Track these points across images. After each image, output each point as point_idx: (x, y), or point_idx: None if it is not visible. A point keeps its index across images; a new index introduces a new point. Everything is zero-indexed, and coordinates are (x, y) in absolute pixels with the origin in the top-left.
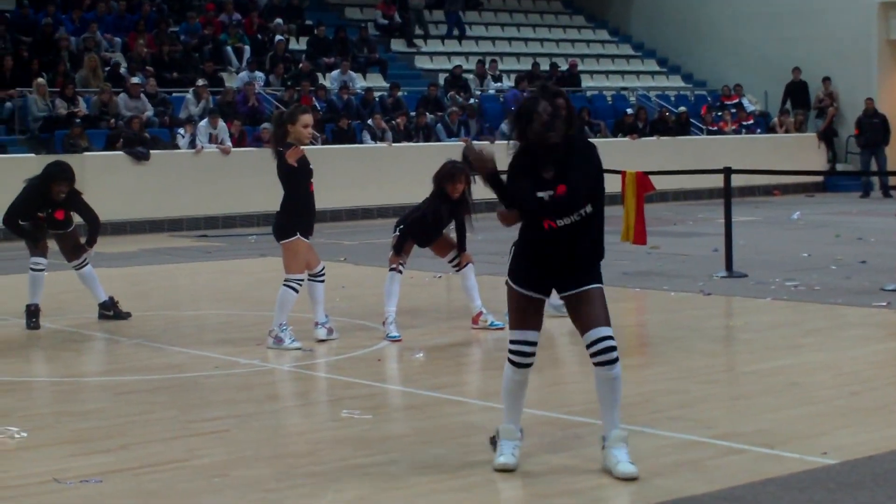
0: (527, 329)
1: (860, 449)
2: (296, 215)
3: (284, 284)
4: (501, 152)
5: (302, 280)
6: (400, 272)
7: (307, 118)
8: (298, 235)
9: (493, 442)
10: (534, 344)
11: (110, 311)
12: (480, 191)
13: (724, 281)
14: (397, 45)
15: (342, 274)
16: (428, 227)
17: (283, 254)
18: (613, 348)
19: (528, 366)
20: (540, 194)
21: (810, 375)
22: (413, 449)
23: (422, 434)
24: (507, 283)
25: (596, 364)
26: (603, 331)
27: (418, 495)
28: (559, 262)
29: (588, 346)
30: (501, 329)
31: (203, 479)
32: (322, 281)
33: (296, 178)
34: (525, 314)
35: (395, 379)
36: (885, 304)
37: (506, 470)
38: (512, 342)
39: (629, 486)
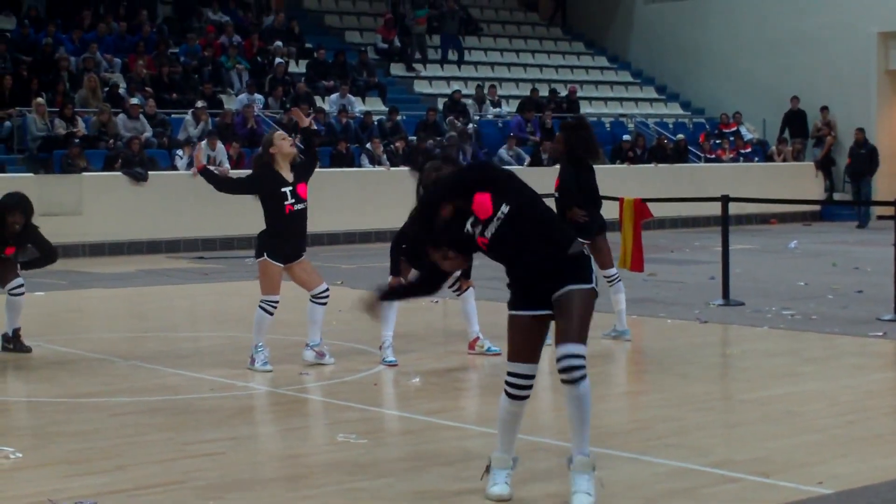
0: (527, 362)
1: (856, 478)
2: (266, 236)
3: (258, 305)
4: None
5: (273, 302)
6: None
7: (281, 133)
8: (265, 256)
9: (488, 470)
10: (532, 377)
11: (10, 343)
12: None
13: (720, 309)
14: (396, 69)
15: (339, 297)
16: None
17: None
18: (576, 367)
19: (526, 398)
20: None
21: (807, 404)
22: (409, 474)
23: (418, 459)
24: (509, 317)
25: (562, 381)
26: (568, 348)
27: None
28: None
29: (558, 360)
30: (498, 354)
31: (198, 502)
32: (323, 303)
33: (263, 200)
34: (522, 342)
35: (392, 403)
36: (881, 333)
37: (501, 500)
38: (511, 374)
39: None
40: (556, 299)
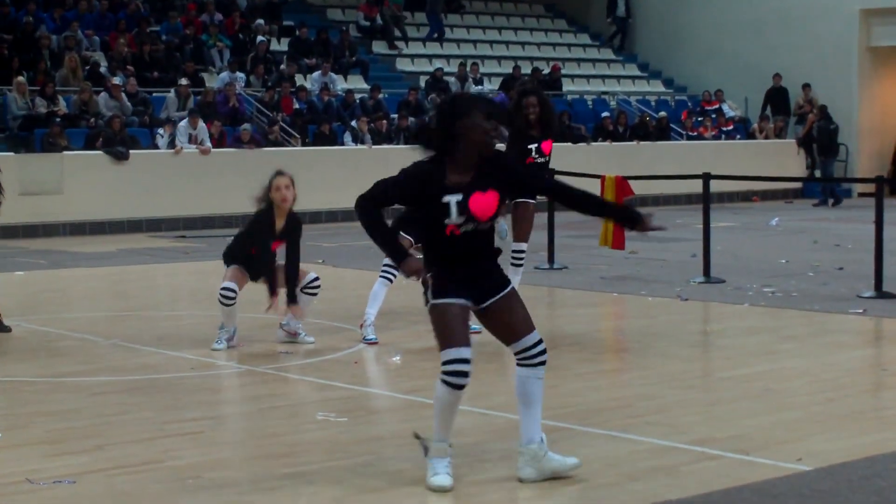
0: (462, 345)
1: (835, 455)
2: (235, 250)
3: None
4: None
5: (229, 290)
6: (390, 281)
7: (279, 181)
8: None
9: (423, 447)
10: (470, 361)
11: None
12: None
13: (701, 286)
14: (378, 46)
15: (320, 276)
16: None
17: None
18: (546, 350)
19: (465, 386)
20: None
21: (786, 382)
22: (389, 452)
23: (398, 437)
24: (431, 307)
25: (528, 366)
26: (536, 335)
27: (394, 498)
28: (476, 266)
29: (523, 351)
30: (478, 332)
31: (177, 481)
32: (313, 293)
33: (246, 239)
34: (455, 328)
35: (372, 382)
36: (861, 310)
37: (444, 490)
38: (447, 362)
39: (607, 490)
40: (493, 303)
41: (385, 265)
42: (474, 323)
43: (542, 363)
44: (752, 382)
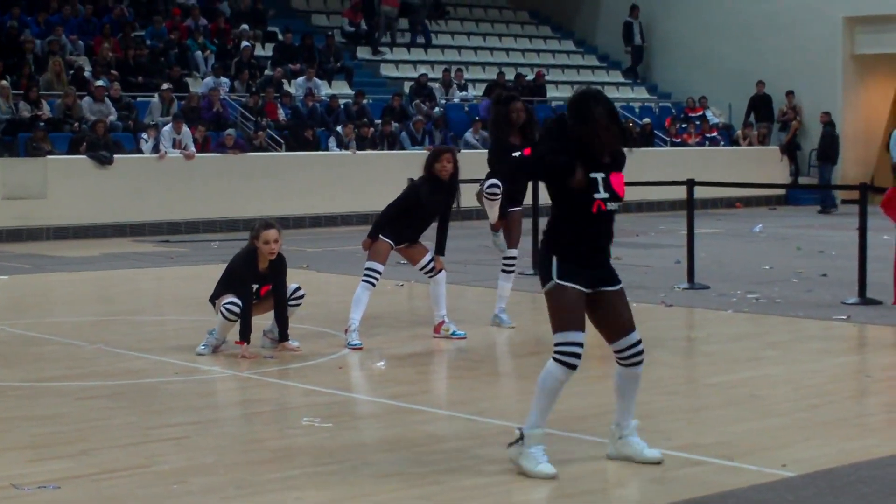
0: (578, 330)
1: (819, 462)
2: (223, 288)
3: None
4: (466, 161)
5: (236, 305)
6: (373, 285)
7: (268, 234)
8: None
9: (516, 443)
10: (582, 345)
11: None
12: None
13: (685, 293)
14: (363, 52)
15: (304, 281)
16: (407, 210)
17: None
18: (642, 351)
19: (577, 367)
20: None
21: (770, 388)
22: (374, 457)
23: (383, 442)
24: (553, 286)
25: (625, 365)
26: (635, 336)
27: None
28: (600, 252)
29: (620, 351)
30: (463, 338)
31: (162, 486)
32: (296, 304)
33: (232, 279)
34: (575, 313)
35: (357, 387)
36: (845, 317)
37: (552, 478)
38: (562, 344)
39: (592, 496)
40: (604, 292)
41: (367, 269)
42: (460, 329)
43: (638, 363)
44: (736, 389)
